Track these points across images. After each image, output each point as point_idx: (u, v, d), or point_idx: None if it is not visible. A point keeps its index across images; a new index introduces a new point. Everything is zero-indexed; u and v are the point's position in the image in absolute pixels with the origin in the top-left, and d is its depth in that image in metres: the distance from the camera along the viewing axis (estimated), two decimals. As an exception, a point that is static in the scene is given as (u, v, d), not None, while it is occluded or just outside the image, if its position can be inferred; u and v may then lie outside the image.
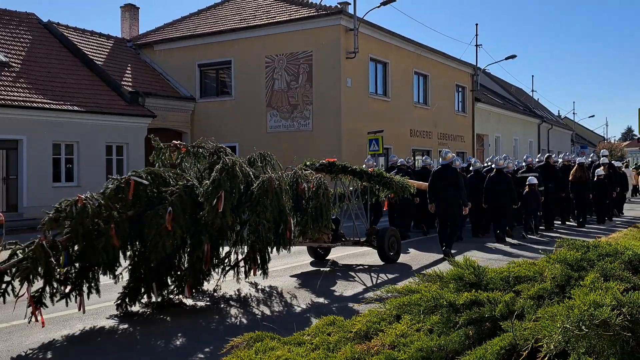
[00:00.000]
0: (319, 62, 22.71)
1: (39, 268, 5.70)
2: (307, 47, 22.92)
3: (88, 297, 6.45)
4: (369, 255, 10.83)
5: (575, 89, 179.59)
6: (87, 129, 20.44)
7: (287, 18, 23.56)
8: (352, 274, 9.41)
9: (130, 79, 24.22)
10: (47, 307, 6.06)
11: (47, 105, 19.39)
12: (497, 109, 37.24)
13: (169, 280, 7.07)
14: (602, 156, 18.72)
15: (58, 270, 5.95)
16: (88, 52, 23.97)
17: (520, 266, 4.14)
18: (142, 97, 23.05)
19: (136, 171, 6.83)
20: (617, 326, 2.67)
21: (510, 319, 3.22)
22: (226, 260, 7.42)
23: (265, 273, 7.47)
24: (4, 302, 5.78)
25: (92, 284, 6.44)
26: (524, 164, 15.75)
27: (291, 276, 9.19)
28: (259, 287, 8.33)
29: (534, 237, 13.38)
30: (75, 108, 20.20)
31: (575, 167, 15.89)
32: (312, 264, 10.28)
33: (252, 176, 7.28)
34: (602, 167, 17.10)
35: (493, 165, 13.50)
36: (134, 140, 22.16)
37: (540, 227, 14.28)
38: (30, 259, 5.67)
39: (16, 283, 5.81)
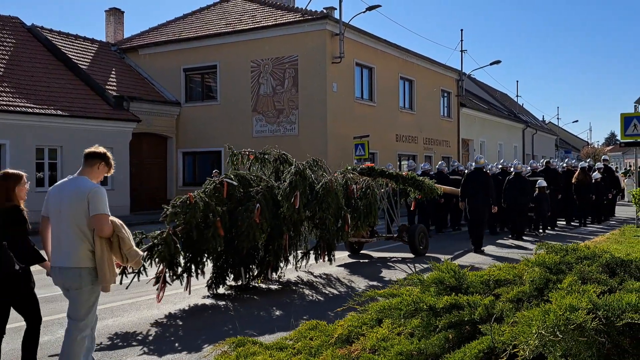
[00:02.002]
0: (304, 66, 22.71)
1: (168, 253, 6.78)
2: (293, 52, 22.92)
3: (197, 278, 7.52)
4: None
5: (560, 94, 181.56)
6: (71, 133, 20.24)
7: (273, 23, 23.55)
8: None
9: (114, 83, 24.04)
10: (170, 284, 7.07)
11: (30, 110, 19.20)
12: (482, 114, 37.47)
13: (253, 266, 8.22)
14: (602, 160, 20.04)
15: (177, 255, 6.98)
16: (72, 56, 23.76)
17: (500, 270, 4.17)
18: (127, 101, 22.91)
19: (227, 174, 8.13)
20: (592, 330, 2.70)
21: (489, 323, 3.24)
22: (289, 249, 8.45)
23: (330, 260, 8.92)
24: (139, 279, 6.72)
25: (200, 267, 7.55)
26: (529, 168, 16.97)
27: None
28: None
29: (541, 235, 14.53)
30: (59, 112, 20.03)
31: (577, 171, 17.06)
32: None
33: (312, 178, 8.44)
34: (598, 171, 18.12)
35: (512, 169, 14.95)
36: (119, 144, 21.98)
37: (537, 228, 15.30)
38: (163, 245, 6.78)
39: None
